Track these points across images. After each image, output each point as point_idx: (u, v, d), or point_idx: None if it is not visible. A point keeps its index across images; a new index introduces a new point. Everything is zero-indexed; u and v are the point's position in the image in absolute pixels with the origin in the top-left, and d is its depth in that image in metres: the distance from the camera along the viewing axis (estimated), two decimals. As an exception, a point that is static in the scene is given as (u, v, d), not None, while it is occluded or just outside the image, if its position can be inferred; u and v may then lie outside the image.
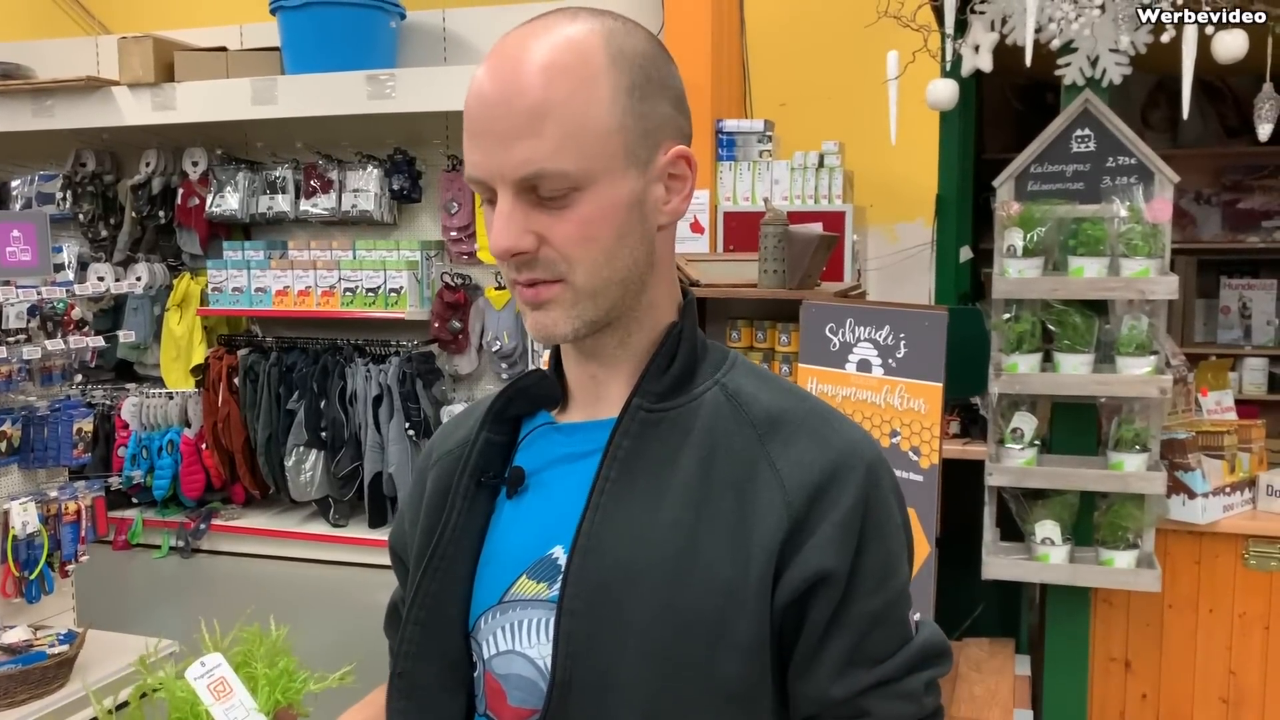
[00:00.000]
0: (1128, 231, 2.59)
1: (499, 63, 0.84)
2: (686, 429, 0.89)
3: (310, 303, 5.27)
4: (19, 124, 5.37)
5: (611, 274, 0.87)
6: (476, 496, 0.95)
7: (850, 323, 2.32)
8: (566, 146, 0.82)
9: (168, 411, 5.51)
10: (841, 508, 0.85)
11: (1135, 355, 2.59)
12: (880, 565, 0.87)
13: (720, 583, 0.84)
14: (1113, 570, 2.67)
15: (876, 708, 0.86)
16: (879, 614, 0.87)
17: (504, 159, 0.83)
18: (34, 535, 3.51)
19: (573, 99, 0.82)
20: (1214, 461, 2.82)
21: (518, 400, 0.97)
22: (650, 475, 0.88)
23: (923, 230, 5.02)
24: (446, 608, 0.94)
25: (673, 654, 0.83)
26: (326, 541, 5.22)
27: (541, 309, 0.87)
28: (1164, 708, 2.88)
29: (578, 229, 0.84)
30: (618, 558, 0.85)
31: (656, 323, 0.93)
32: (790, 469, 0.86)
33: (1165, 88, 4.65)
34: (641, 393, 0.90)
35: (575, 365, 0.95)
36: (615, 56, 0.85)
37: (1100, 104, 2.65)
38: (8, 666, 3.22)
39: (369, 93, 4.82)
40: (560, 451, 0.94)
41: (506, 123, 0.82)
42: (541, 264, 0.85)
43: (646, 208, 0.88)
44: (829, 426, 0.90)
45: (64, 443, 3.59)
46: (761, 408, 0.90)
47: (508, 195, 0.84)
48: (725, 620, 0.84)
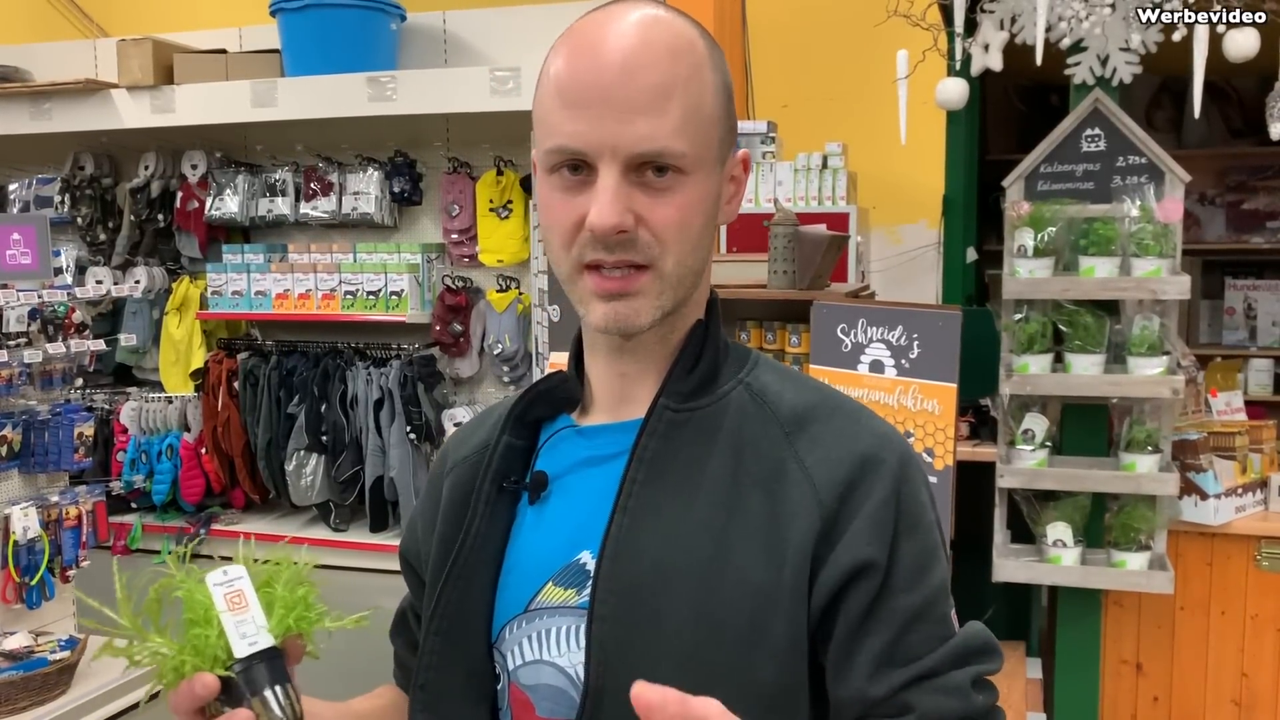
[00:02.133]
0: (1139, 231, 2.58)
1: (612, 36, 0.81)
2: (713, 429, 0.88)
3: (310, 306, 5.24)
4: (16, 127, 5.33)
5: (693, 264, 0.87)
6: (498, 502, 0.93)
7: (862, 323, 2.30)
8: (685, 128, 0.82)
9: (167, 416, 5.47)
10: (873, 501, 0.84)
11: (1147, 356, 2.58)
12: (916, 560, 0.85)
13: (753, 585, 0.83)
14: (1124, 572, 2.65)
15: (920, 702, 0.83)
16: (918, 610, 0.85)
17: (621, 132, 0.81)
18: (35, 540, 3.48)
19: (692, 81, 0.83)
20: (1225, 462, 2.81)
21: (538, 403, 0.96)
22: (678, 477, 0.86)
23: (926, 232, 5.01)
24: (468, 617, 0.92)
25: (707, 658, 0.82)
26: (327, 546, 5.18)
27: (624, 299, 0.85)
28: (1176, 710, 2.86)
29: (677, 213, 0.84)
30: (648, 561, 0.83)
31: (689, 320, 0.92)
32: (819, 466, 0.85)
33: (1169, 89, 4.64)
34: (668, 393, 0.89)
35: (605, 364, 0.93)
36: (711, 53, 0.87)
37: (1110, 103, 2.64)
38: (8, 673, 3.19)
39: (369, 95, 4.79)
40: (583, 455, 0.93)
41: (629, 96, 0.80)
42: (637, 245, 0.83)
43: (718, 205, 0.89)
44: (856, 422, 0.89)
45: (65, 447, 3.56)
46: (787, 405, 0.89)
47: (613, 171, 0.81)
48: (760, 623, 0.82)
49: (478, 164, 5.22)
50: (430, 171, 5.34)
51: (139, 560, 5.30)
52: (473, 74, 4.68)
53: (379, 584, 5.03)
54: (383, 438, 5.08)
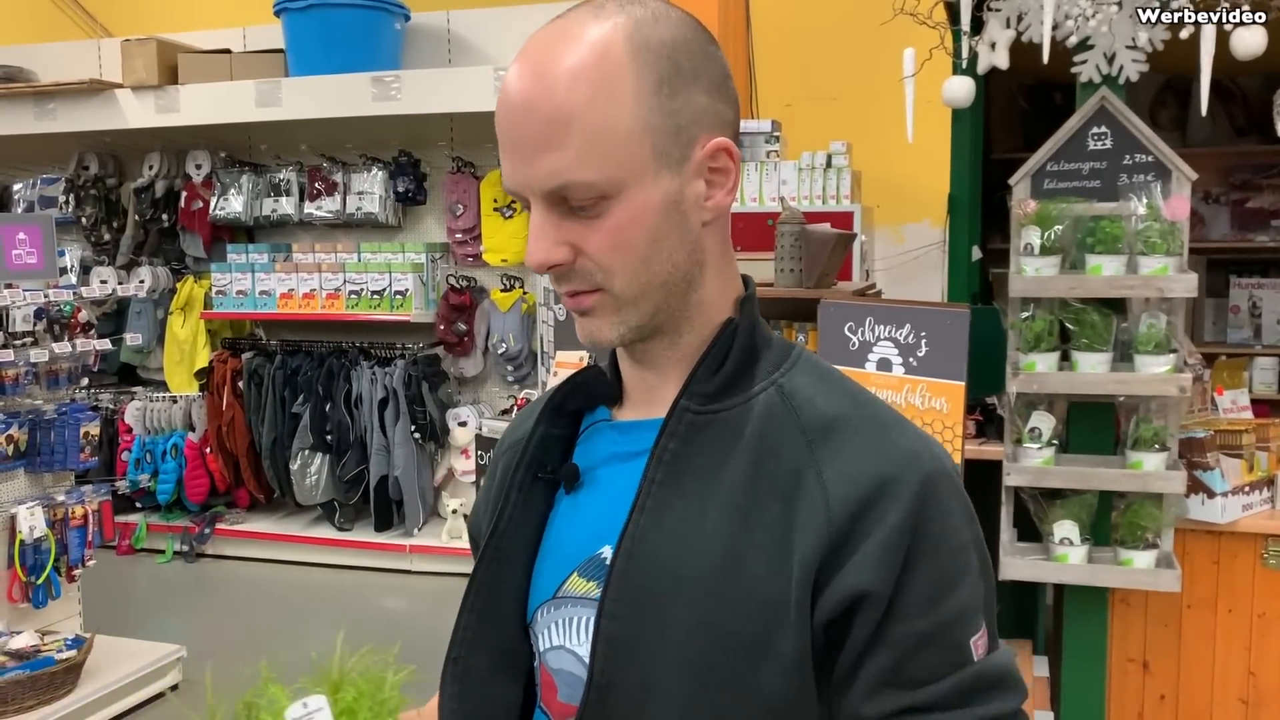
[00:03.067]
0: (1146, 229, 2.57)
1: (521, 68, 0.81)
2: (737, 432, 0.85)
3: (315, 305, 5.25)
4: (21, 127, 5.35)
5: (650, 279, 0.84)
6: (533, 490, 0.94)
7: (870, 321, 2.30)
8: (590, 155, 0.79)
9: (171, 415, 5.49)
10: (887, 525, 0.79)
11: (1154, 354, 2.57)
12: (931, 586, 0.80)
13: (762, 597, 0.81)
14: (1131, 570, 2.64)
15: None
16: (926, 635, 0.80)
17: (530, 172, 0.80)
18: (41, 540, 3.48)
19: (593, 104, 0.78)
20: (1232, 460, 2.80)
21: (574, 395, 0.96)
22: (697, 480, 0.84)
23: (930, 231, 5.01)
24: (502, 598, 0.93)
25: (712, 665, 0.81)
26: (332, 545, 5.19)
27: (587, 316, 0.85)
28: (1183, 708, 2.86)
29: (610, 237, 0.81)
30: (660, 564, 0.83)
31: (709, 320, 0.89)
32: (836, 481, 0.81)
33: (1173, 87, 4.63)
34: (689, 394, 0.87)
35: (628, 368, 0.94)
36: (639, 51, 0.80)
37: (1117, 101, 2.64)
38: (15, 672, 3.20)
39: (374, 94, 4.80)
40: (614, 449, 0.92)
41: (529, 133, 0.79)
42: (578, 274, 0.83)
43: (685, 206, 0.84)
44: (885, 436, 0.84)
45: (70, 446, 3.57)
46: (816, 412, 0.85)
47: (539, 208, 0.82)
48: (766, 635, 0.80)
49: (482, 163, 5.23)
50: (434, 171, 5.34)
51: (143, 559, 5.32)
52: (477, 73, 4.68)
53: (384, 583, 5.04)
54: (387, 437, 5.09)
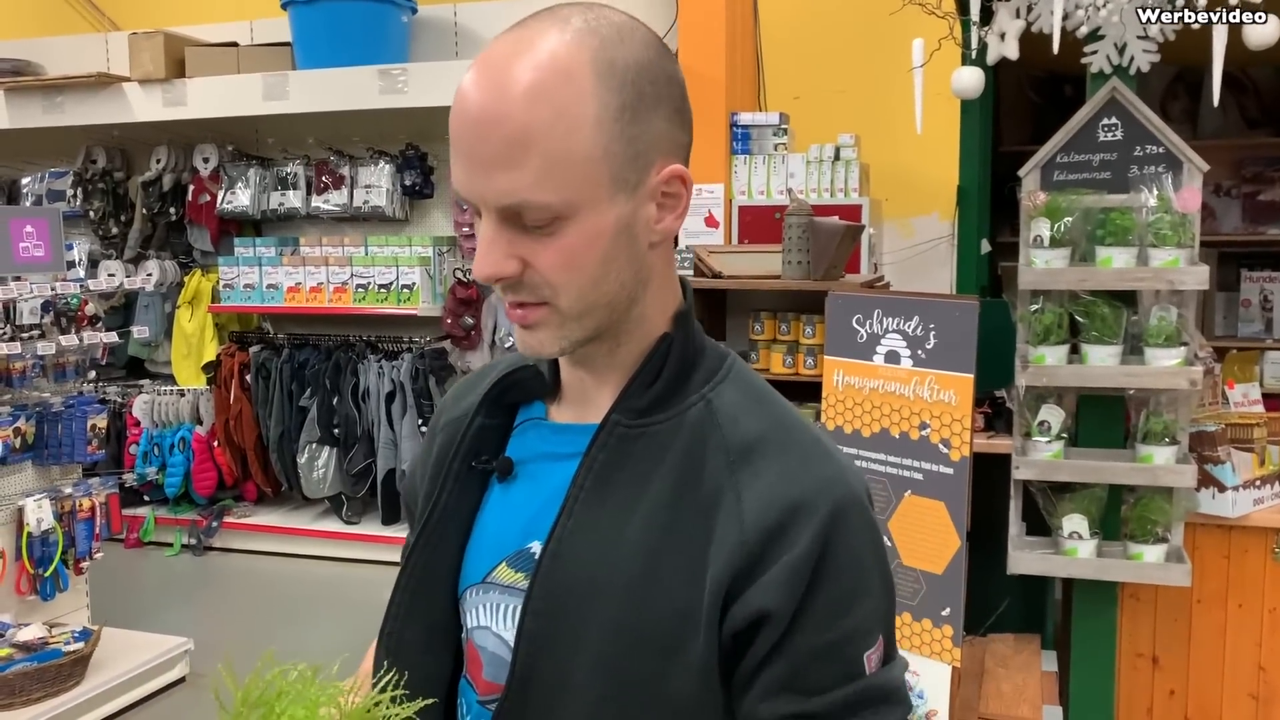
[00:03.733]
0: (1156, 221, 2.55)
1: (481, 78, 0.80)
2: (665, 447, 0.88)
3: (322, 299, 5.25)
4: (29, 121, 5.35)
5: (598, 298, 0.85)
6: (468, 478, 0.97)
7: (878, 314, 2.28)
8: (548, 178, 0.79)
9: (179, 409, 5.49)
10: (795, 549, 0.83)
11: (1164, 346, 2.55)
12: (831, 604, 0.84)
13: (676, 606, 0.84)
14: (1141, 565, 2.63)
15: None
16: (821, 650, 0.84)
17: (485, 186, 0.80)
18: (49, 532, 3.49)
19: (554, 127, 0.78)
20: (1243, 454, 2.78)
21: (512, 390, 0.98)
22: (622, 490, 0.87)
23: (938, 224, 4.98)
24: (435, 578, 0.97)
25: (625, 668, 0.85)
26: (339, 539, 5.20)
27: (529, 329, 0.86)
28: (1192, 704, 2.84)
29: (561, 257, 0.82)
30: (583, 568, 0.86)
31: (646, 334, 0.91)
32: (753, 504, 0.84)
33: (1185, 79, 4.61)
34: (620, 409, 0.89)
35: (566, 367, 0.96)
36: (604, 73, 0.80)
37: (1128, 92, 2.62)
38: (23, 664, 3.20)
39: (381, 87, 4.79)
40: (548, 448, 0.95)
41: (487, 149, 0.79)
42: (526, 287, 0.84)
43: (636, 229, 0.85)
44: (802, 463, 0.87)
45: (78, 439, 3.57)
46: (739, 432, 0.88)
47: (490, 221, 0.82)
48: (678, 641, 0.84)
49: (489, 157, 5.22)
50: (441, 164, 5.33)
51: (151, 552, 5.33)
52: (484, 66, 4.68)
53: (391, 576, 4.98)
54: (394, 430, 5.09)
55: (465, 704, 0.98)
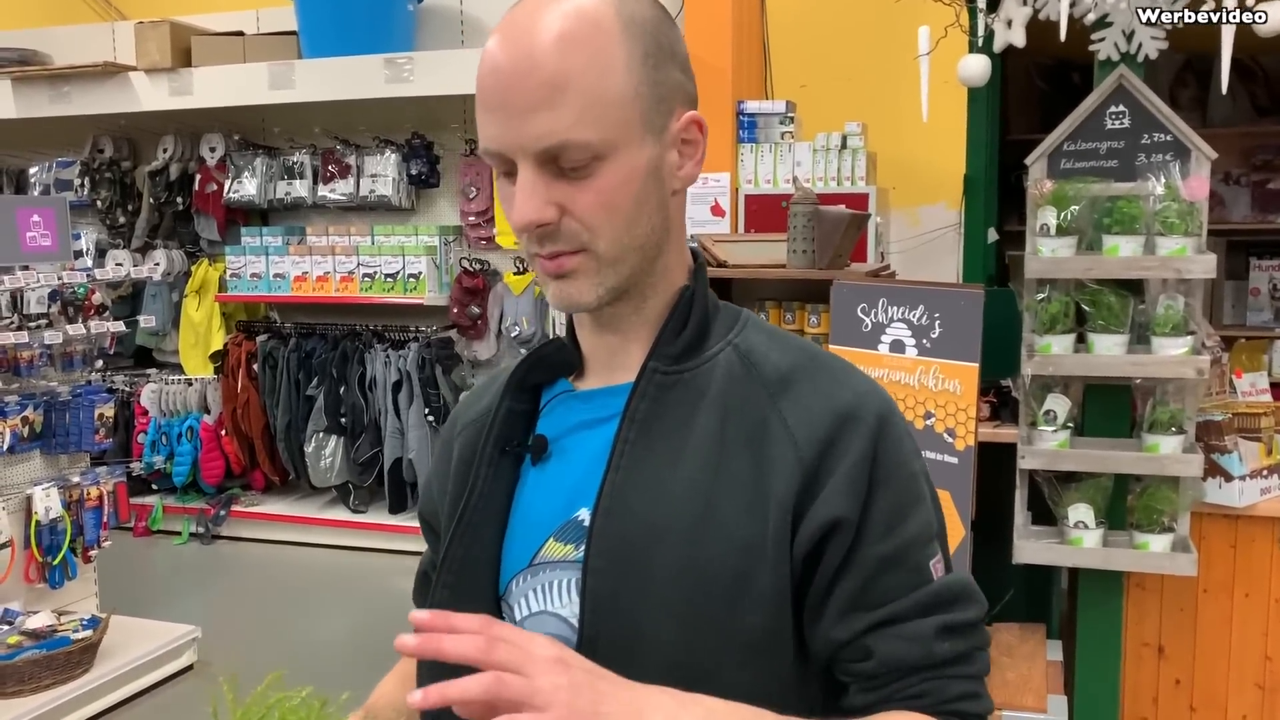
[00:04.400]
0: (1164, 209, 2.54)
1: (511, 34, 0.83)
2: (701, 390, 0.91)
3: (329, 288, 5.26)
4: (36, 110, 5.36)
5: (632, 241, 0.88)
6: (501, 464, 0.97)
7: (883, 303, 2.28)
8: (587, 116, 0.82)
9: (187, 398, 5.51)
10: (850, 458, 0.87)
11: (1171, 336, 2.54)
12: (891, 511, 0.88)
13: (739, 539, 0.86)
14: (1147, 554, 2.62)
15: (879, 647, 0.86)
16: (888, 558, 0.87)
17: (523, 131, 0.82)
18: (57, 520, 3.51)
19: (590, 68, 0.82)
20: (1250, 444, 2.77)
21: (537, 369, 0.99)
22: (668, 436, 0.90)
23: (945, 213, 4.97)
24: (475, 572, 0.96)
25: (695, 608, 0.85)
26: (346, 527, 5.21)
27: (565, 279, 0.88)
28: (1198, 693, 2.84)
29: (600, 198, 0.85)
30: (639, 517, 0.87)
31: (669, 287, 0.95)
32: (800, 424, 0.88)
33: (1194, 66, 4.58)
34: (656, 356, 0.92)
35: (591, 334, 0.97)
36: (627, 24, 0.85)
37: (1135, 80, 2.60)
38: (32, 651, 3.22)
39: (386, 76, 4.79)
40: (580, 418, 0.96)
41: (524, 95, 0.82)
42: (564, 235, 0.86)
43: (663, 173, 0.89)
44: (837, 381, 0.92)
45: (85, 428, 3.58)
46: (773, 366, 0.92)
47: (528, 168, 0.84)
48: (745, 575, 0.86)
49: (495, 146, 5.22)
50: (447, 154, 5.33)
51: (159, 541, 5.35)
52: (490, 55, 4.67)
53: (398, 565, 5.05)
54: (401, 420, 5.10)
55: None
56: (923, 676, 0.86)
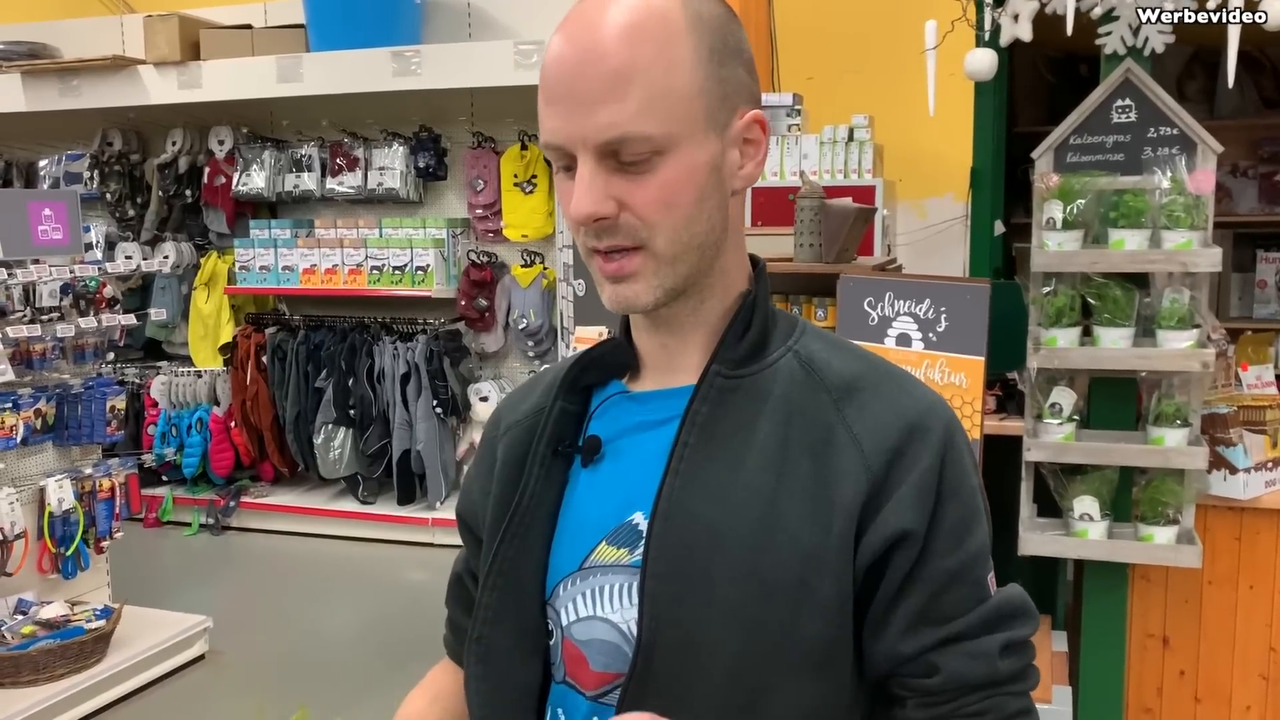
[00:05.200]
0: (1170, 203, 2.55)
1: (577, 27, 0.83)
2: (763, 395, 0.89)
3: (337, 281, 5.28)
4: (46, 104, 5.38)
5: (690, 239, 0.86)
6: (552, 465, 0.95)
7: (889, 296, 2.30)
8: (650, 110, 0.82)
9: (196, 390, 5.54)
10: (919, 468, 0.86)
11: (1176, 329, 2.55)
12: (956, 524, 0.87)
13: (802, 547, 0.85)
14: (1152, 546, 2.64)
15: (946, 664, 0.85)
16: (954, 573, 0.86)
17: (585, 123, 0.82)
18: (70, 512, 3.54)
19: (656, 62, 0.82)
20: (1255, 436, 2.79)
21: (590, 370, 0.97)
22: (729, 441, 0.88)
23: (952, 205, 4.98)
24: (523, 574, 0.94)
25: (756, 616, 0.84)
26: (355, 519, 5.25)
27: (623, 281, 0.87)
28: (1202, 684, 2.86)
29: (659, 193, 0.84)
30: (699, 522, 0.86)
31: (728, 290, 0.93)
32: (867, 433, 0.87)
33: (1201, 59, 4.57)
34: (719, 360, 0.90)
35: (647, 335, 0.95)
36: (694, 19, 0.84)
37: (1142, 73, 2.61)
38: (46, 641, 3.26)
39: (394, 69, 4.80)
40: (635, 420, 0.94)
41: (588, 87, 0.81)
42: (622, 230, 0.85)
43: (724, 171, 0.88)
44: (903, 390, 0.90)
45: (97, 420, 3.61)
46: (835, 373, 0.91)
47: (588, 160, 0.83)
48: (807, 583, 0.84)
49: (502, 139, 5.23)
50: (455, 146, 5.34)
51: (169, 532, 5.39)
52: (497, 48, 4.67)
53: (406, 555, 5.09)
54: (410, 412, 5.13)
55: (565, 713, 0.94)
56: (985, 694, 0.86)
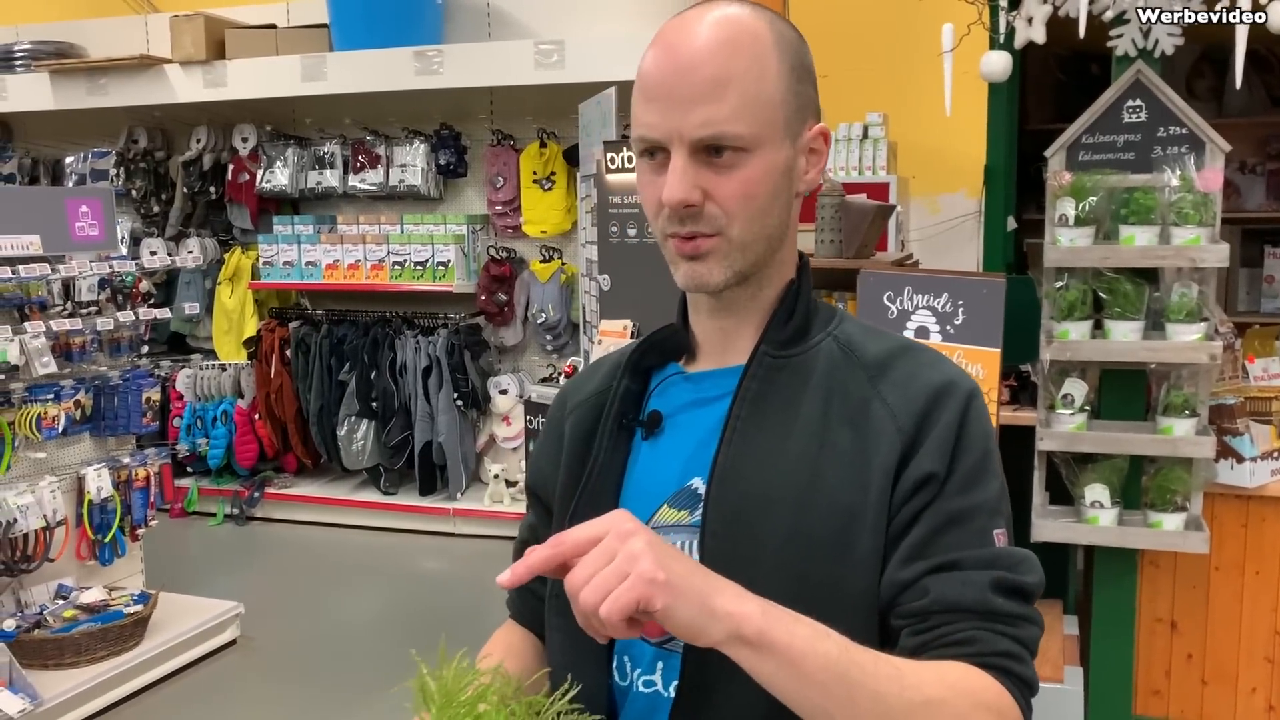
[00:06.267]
0: (1179, 200, 2.62)
1: (678, 38, 0.94)
2: (806, 374, 1.00)
3: (360, 276, 5.38)
4: (74, 102, 5.48)
5: (761, 230, 0.98)
6: (618, 438, 1.06)
7: (908, 290, 2.38)
8: (742, 112, 0.93)
9: (221, 383, 5.65)
10: (942, 423, 0.96)
11: (1185, 322, 2.63)
12: (968, 473, 0.95)
13: (842, 506, 0.94)
14: (1161, 533, 2.72)
15: (935, 587, 0.91)
16: (957, 515, 0.94)
17: (684, 121, 0.93)
18: (107, 500, 3.64)
19: (749, 72, 0.93)
20: (1262, 426, 2.87)
21: (651, 353, 1.09)
22: (776, 414, 0.99)
23: (965, 201, 5.05)
24: None
25: (803, 571, 0.93)
26: (377, 509, 5.35)
27: (699, 260, 0.97)
28: (1209, 667, 2.94)
29: (741, 187, 0.95)
30: (751, 486, 0.96)
31: (781, 279, 1.04)
32: (899, 401, 0.97)
33: (1210, 57, 4.64)
34: (767, 341, 1.02)
35: (706, 319, 1.06)
36: (779, 39, 0.97)
37: (1152, 75, 2.69)
38: (88, 624, 3.36)
39: (417, 69, 4.88)
40: (691, 397, 1.05)
41: (690, 89, 0.92)
42: (705, 218, 0.95)
43: (793, 174, 0.99)
44: (931, 365, 1.01)
45: (134, 411, 3.72)
46: (870, 353, 1.02)
47: (682, 154, 0.94)
48: (847, 538, 0.94)
49: (521, 136, 5.32)
50: (474, 144, 5.43)
51: (194, 522, 5.50)
52: (518, 47, 4.75)
53: (428, 545, 5.19)
54: (431, 404, 5.22)
55: (630, 659, 1.02)
56: (974, 624, 0.90)
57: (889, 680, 0.83)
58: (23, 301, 3.43)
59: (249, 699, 3.54)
